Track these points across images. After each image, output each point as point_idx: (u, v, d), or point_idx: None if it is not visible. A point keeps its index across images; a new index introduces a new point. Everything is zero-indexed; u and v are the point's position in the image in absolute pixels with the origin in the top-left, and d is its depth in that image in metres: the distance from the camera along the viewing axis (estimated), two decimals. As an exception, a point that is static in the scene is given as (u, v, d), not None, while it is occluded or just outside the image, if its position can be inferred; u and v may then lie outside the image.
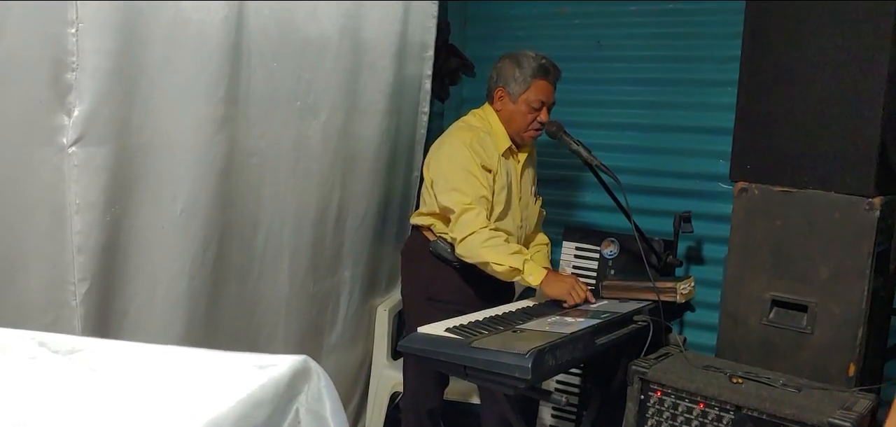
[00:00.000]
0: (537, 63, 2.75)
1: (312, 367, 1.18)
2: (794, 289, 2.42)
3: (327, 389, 1.19)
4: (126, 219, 2.08)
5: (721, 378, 2.23)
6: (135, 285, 2.12)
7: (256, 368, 1.12)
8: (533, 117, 2.77)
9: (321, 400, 1.18)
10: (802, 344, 2.41)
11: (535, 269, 2.58)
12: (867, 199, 2.30)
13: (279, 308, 2.70)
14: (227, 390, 1.05)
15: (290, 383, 1.14)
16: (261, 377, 1.09)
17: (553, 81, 2.79)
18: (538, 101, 2.75)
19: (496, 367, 1.98)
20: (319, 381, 1.19)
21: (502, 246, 2.59)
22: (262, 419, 1.07)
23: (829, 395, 2.15)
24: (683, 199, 3.28)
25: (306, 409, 1.16)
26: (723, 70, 3.18)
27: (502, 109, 2.80)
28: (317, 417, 1.17)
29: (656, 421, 2.26)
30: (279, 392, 1.11)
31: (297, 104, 2.63)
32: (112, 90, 2.00)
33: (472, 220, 2.60)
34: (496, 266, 2.57)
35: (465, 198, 2.63)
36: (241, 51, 2.37)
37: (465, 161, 2.67)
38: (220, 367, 1.14)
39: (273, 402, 1.10)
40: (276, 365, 1.14)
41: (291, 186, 2.66)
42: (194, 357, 1.19)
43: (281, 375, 1.12)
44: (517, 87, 2.75)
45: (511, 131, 2.81)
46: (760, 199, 2.48)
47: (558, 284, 2.57)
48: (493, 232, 2.61)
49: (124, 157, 2.05)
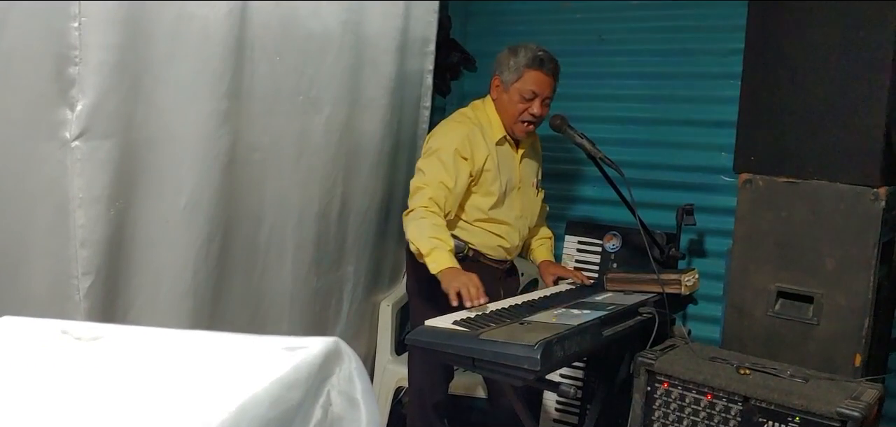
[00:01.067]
0: (533, 53, 2.72)
1: (343, 349, 1.19)
2: (799, 280, 2.42)
3: (358, 371, 1.19)
4: (130, 213, 2.08)
5: (728, 369, 2.22)
6: (139, 279, 2.11)
7: (286, 350, 1.12)
8: (524, 107, 2.74)
9: (352, 381, 1.18)
10: (808, 335, 2.40)
11: (440, 258, 2.46)
12: (873, 190, 2.30)
13: (283, 303, 2.70)
14: (260, 372, 1.04)
15: (322, 365, 1.14)
16: (293, 358, 1.10)
17: (549, 73, 2.74)
18: (530, 92, 2.72)
19: (505, 358, 1.97)
20: (350, 362, 1.19)
21: (426, 227, 2.53)
22: (296, 400, 1.07)
23: (836, 385, 2.14)
24: (686, 192, 3.28)
25: (338, 391, 1.16)
26: (725, 63, 3.17)
27: (498, 99, 2.80)
28: (348, 398, 1.17)
29: (663, 413, 2.26)
30: (312, 373, 1.12)
31: (299, 99, 2.62)
32: (115, 85, 2.00)
33: (416, 200, 2.60)
34: (412, 243, 2.55)
35: (422, 179, 2.64)
36: (244, 46, 2.37)
37: (439, 145, 2.68)
38: (250, 350, 1.14)
39: (306, 382, 1.10)
40: (307, 347, 1.14)
41: (294, 181, 2.66)
42: (221, 340, 1.18)
43: (313, 357, 1.13)
44: (510, 76, 2.73)
45: (504, 121, 2.79)
46: (765, 191, 2.48)
47: (451, 281, 2.39)
48: (429, 212, 2.56)
49: (128, 151, 2.05)
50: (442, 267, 2.45)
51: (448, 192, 2.62)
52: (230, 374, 1.05)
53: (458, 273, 2.42)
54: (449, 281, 2.38)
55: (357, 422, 1.17)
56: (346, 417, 1.15)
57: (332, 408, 1.15)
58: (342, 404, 1.15)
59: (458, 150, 2.65)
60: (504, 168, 2.80)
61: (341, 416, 1.15)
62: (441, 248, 2.48)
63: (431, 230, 2.51)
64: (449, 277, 2.40)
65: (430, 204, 2.57)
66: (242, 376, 1.03)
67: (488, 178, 2.75)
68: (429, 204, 2.57)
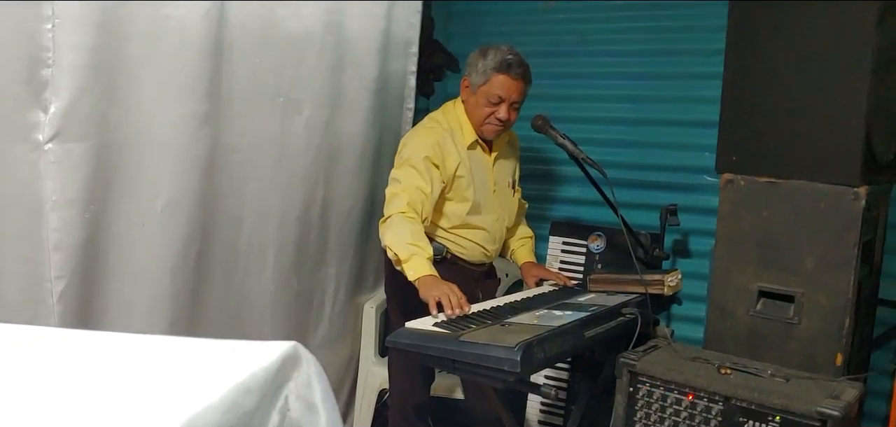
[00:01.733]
0: (501, 57, 2.67)
1: (302, 354, 1.16)
2: (780, 279, 2.42)
3: (317, 376, 1.17)
4: (105, 216, 2.06)
5: (709, 369, 2.22)
6: (115, 283, 2.09)
7: (244, 355, 1.10)
8: (490, 111, 2.70)
9: (311, 386, 1.16)
10: (790, 334, 2.40)
11: (418, 265, 2.40)
12: (853, 189, 2.30)
13: (265, 305, 2.68)
14: (216, 378, 1.02)
15: (279, 370, 1.11)
16: (250, 364, 1.07)
17: (517, 77, 2.67)
18: (496, 96, 2.67)
19: (485, 360, 1.96)
20: (309, 367, 1.16)
21: (403, 232, 2.47)
22: (251, 405, 1.05)
23: (816, 384, 2.15)
24: (670, 192, 3.28)
25: (296, 396, 1.14)
26: (709, 63, 3.16)
27: (466, 100, 2.77)
28: (307, 404, 1.15)
29: (645, 413, 2.25)
30: (268, 378, 1.09)
31: (280, 100, 2.61)
32: (90, 86, 1.98)
33: (392, 206, 2.56)
34: (389, 250, 2.50)
35: (397, 186, 2.60)
36: (222, 47, 2.35)
37: (410, 154, 2.64)
38: (208, 355, 1.12)
39: (262, 388, 1.07)
40: (265, 352, 1.11)
41: (275, 183, 2.64)
42: (180, 346, 1.16)
43: (270, 362, 1.10)
44: (478, 79, 2.70)
45: (473, 123, 2.76)
46: (746, 191, 2.48)
47: (431, 289, 2.31)
48: (407, 218, 2.51)
49: (103, 153, 2.03)
50: (419, 274, 2.39)
51: (425, 198, 2.59)
52: (186, 381, 1.03)
53: (437, 281, 2.36)
54: (428, 289, 2.32)
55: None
56: (305, 422, 1.13)
57: (290, 413, 1.13)
58: (300, 409, 1.13)
59: (428, 158, 2.62)
60: (477, 173, 2.78)
61: (299, 421, 1.13)
62: (419, 255, 2.43)
63: (410, 237, 2.46)
64: (428, 285, 2.34)
65: (408, 209, 2.53)
66: (198, 383, 1.01)
67: (462, 184, 2.73)
68: (406, 209, 2.53)
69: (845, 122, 2.29)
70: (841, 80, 2.30)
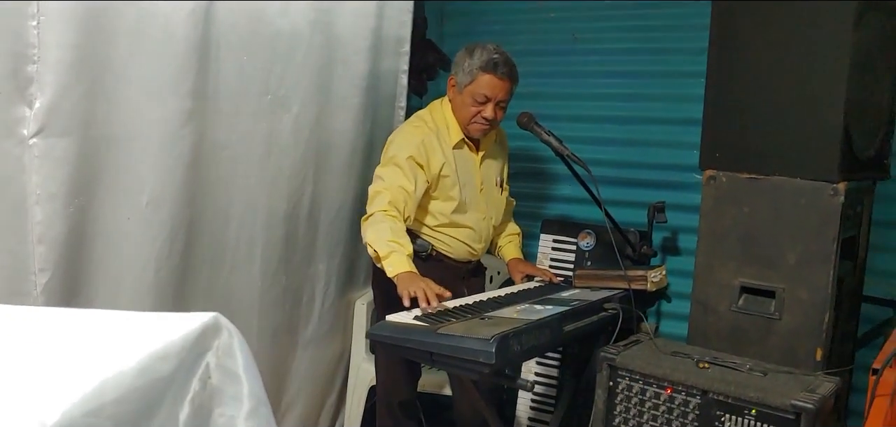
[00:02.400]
0: (488, 56, 2.67)
1: (223, 324, 1.19)
2: (762, 275, 2.43)
3: (240, 346, 1.20)
4: (90, 210, 2.09)
5: (688, 363, 2.23)
6: (100, 276, 2.12)
7: (163, 325, 1.14)
8: (476, 111, 2.71)
9: (233, 355, 1.19)
10: (771, 329, 2.42)
11: (397, 261, 2.43)
12: (832, 185, 2.31)
13: (253, 301, 2.71)
14: (132, 345, 1.06)
15: (198, 338, 1.15)
16: (167, 333, 1.11)
17: (504, 76, 2.69)
18: (482, 96, 2.69)
19: (461, 352, 1.98)
20: (231, 337, 1.20)
21: (383, 230, 2.50)
22: (167, 371, 1.08)
23: (794, 378, 2.16)
24: (659, 190, 3.29)
25: (217, 364, 1.17)
26: (697, 61, 3.13)
27: (453, 99, 2.78)
28: (228, 372, 1.18)
29: (625, 407, 2.27)
30: (187, 345, 1.12)
31: (267, 98, 2.64)
32: (74, 83, 2.01)
33: (374, 204, 2.59)
34: (369, 247, 2.52)
35: (380, 184, 2.62)
36: (209, 44, 2.38)
37: (395, 153, 2.66)
38: (126, 325, 1.15)
39: (179, 355, 1.11)
40: (185, 321, 1.15)
41: (263, 179, 2.67)
42: (98, 317, 1.20)
43: (189, 331, 1.14)
44: (464, 78, 2.71)
45: (459, 122, 2.78)
46: (728, 187, 2.49)
47: (408, 285, 2.34)
48: (389, 216, 2.53)
49: (88, 149, 2.06)
50: (398, 271, 2.41)
51: (408, 196, 2.61)
52: (98, 349, 1.06)
53: (414, 277, 2.39)
54: (405, 285, 2.34)
55: (238, 396, 1.18)
56: (227, 391, 1.17)
57: (211, 381, 1.16)
58: (221, 377, 1.16)
59: (412, 157, 2.64)
60: (463, 172, 2.79)
61: (221, 388, 1.16)
62: (399, 252, 2.46)
63: (390, 234, 2.49)
64: (405, 281, 2.36)
65: (390, 207, 2.55)
66: (112, 350, 1.04)
67: (447, 183, 2.74)
68: (388, 207, 2.55)
69: (824, 119, 2.31)
70: (820, 78, 2.31)
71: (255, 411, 1.18)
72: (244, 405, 1.17)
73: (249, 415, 1.17)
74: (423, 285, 2.31)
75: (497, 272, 3.50)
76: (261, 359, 2.75)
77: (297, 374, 3.08)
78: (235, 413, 1.17)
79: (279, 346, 2.93)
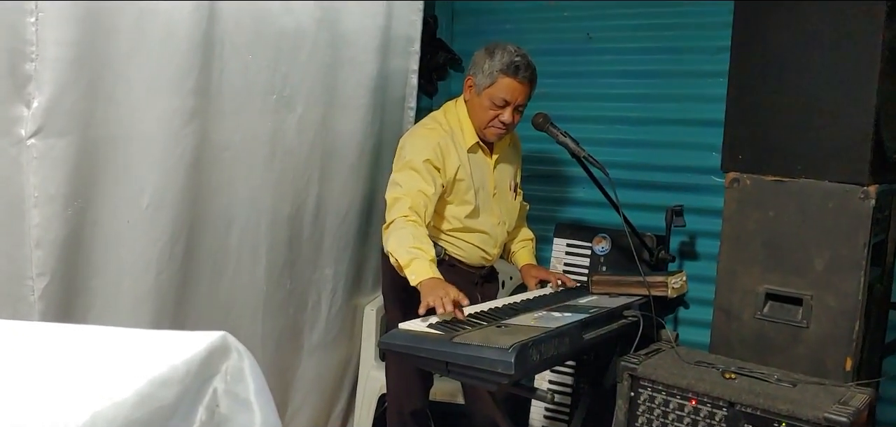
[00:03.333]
0: (509, 59, 2.59)
1: (231, 344, 1.07)
2: (788, 281, 2.36)
3: (251, 369, 1.08)
4: (89, 212, 2.02)
5: (713, 373, 2.15)
6: (99, 280, 2.05)
7: (164, 346, 1.02)
8: (494, 115, 2.63)
9: (244, 380, 1.07)
10: (798, 338, 2.34)
11: (419, 269, 2.32)
12: (862, 188, 2.24)
13: (257, 305, 2.63)
14: (129, 370, 0.95)
15: (204, 361, 1.03)
16: (169, 355, 0.99)
17: (525, 80, 2.61)
18: (501, 99, 2.60)
19: (478, 362, 1.90)
20: (241, 359, 1.08)
21: (406, 237, 2.39)
22: (169, 399, 0.96)
23: (824, 390, 2.08)
24: (677, 193, 3.21)
25: (225, 390, 1.05)
26: (715, 61, 3.10)
27: (469, 100, 2.69)
28: (238, 399, 1.06)
29: (647, 419, 2.18)
30: (192, 370, 1.01)
31: (272, 97, 2.56)
32: (74, 81, 1.94)
33: (394, 211, 2.48)
34: (391, 257, 2.42)
35: (398, 190, 2.52)
36: (212, 42, 2.31)
37: (411, 157, 2.57)
38: (123, 346, 1.05)
39: (183, 381, 0.99)
40: (188, 342, 1.03)
41: (267, 181, 2.59)
42: (93, 335, 1.08)
43: (193, 354, 1.02)
44: (483, 80, 2.62)
45: (474, 124, 2.69)
46: (752, 190, 2.41)
47: (428, 293, 2.22)
48: (410, 222, 2.44)
49: (87, 149, 1.99)
50: (421, 278, 2.31)
51: (427, 200, 2.52)
52: (90, 374, 0.95)
53: (437, 284, 2.28)
54: (426, 292, 2.24)
55: (249, 425, 1.07)
56: (236, 420, 1.05)
57: (219, 409, 1.04)
58: (231, 405, 1.05)
59: (429, 160, 2.56)
60: (477, 176, 2.72)
61: (230, 417, 1.05)
62: (421, 258, 2.35)
63: (412, 240, 2.39)
64: (427, 288, 2.26)
65: (411, 213, 2.46)
66: (107, 374, 0.94)
67: (462, 187, 2.67)
68: (408, 213, 2.46)
69: (854, 119, 2.24)
70: (849, 77, 2.24)
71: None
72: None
73: None
74: (443, 292, 2.20)
75: (509, 278, 3.42)
76: (265, 364, 2.68)
77: (304, 381, 3.00)
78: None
79: (284, 351, 2.85)
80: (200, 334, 1.04)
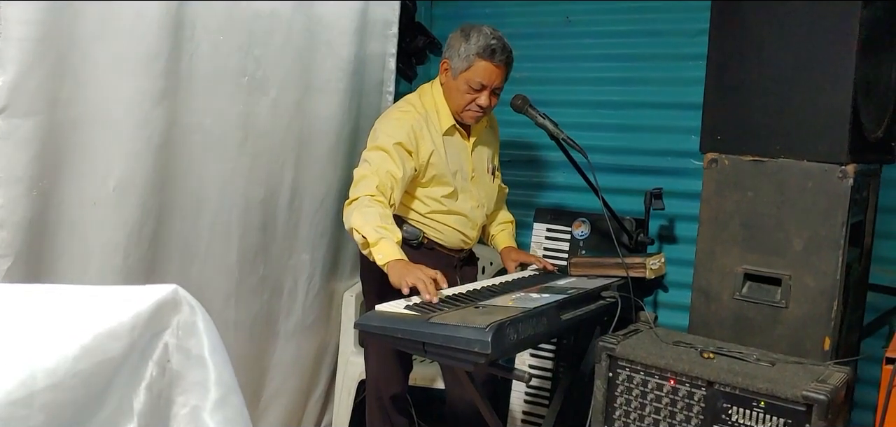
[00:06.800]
0: (485, 42, 2.56)
1: (182, 297, 1.03)
2: (767, 262, 2.35)
3: (205, 323, 1.03)
4: (54, 194, 1.97)
5: (692, 353, 2.14)
6: (64, 263, 2.01)
7: (114, 300, 0.98)
8: (471, 98, 2.60)
9: (196, 334, 1.03)
10: (777, 318, 2.33)
11: (386, 249, 2.30)
12: (840, 167, 2.23)
13: (229, 291, 2.59)
14: (74, 324, 0.91)
15: (153, 314, 0.98)
16: (116, 309, 0.95)
17: (501, 63, 2.59)
18: (478, 83, 2.58)
19: (455, 342, 1.88)
20: (194, 313, 1.03)
21: (372, 216, 2.36)
22: (116, 352, 0.92)
23: (803, 369, 2.07)
24: (656, 176, 3.20)
25: (177, 345, 1.01)
26: (694, 43, 3.08)
27: (445, 83, 2.66)
28: (190, 355, 1.01)
29: (625, 399, 2.17)
30: (140, 324, 0.97)
31: (244, 80, 2.51)
32: (39, 61, 1.89)
33: (360, 188, 2.45)
34: (356, 232, 2.38)
35: (367, 168, 2.49)
36: (183, 24, 2.26)
37: (383, 139, 2.54)
38: (71, 302, 1.00)
39: (130, 334, 0.95)
40: (137, 296, 0.99)
41: (239, 164, 2.54)
42: (41, 293, 1.04)
43: (141, 306, 0.97)
44: (460, 64, 2.59)
45: (451, 107, 2.66)
46: (731, 170, 2.40)
47: (404, 274, 2.20)
48: (376, 201, 2.41)
49: (53, 130, 1.94)
50: (389, 258, 2.29)
51: (395, 183, 2.48)
52: (34, 328, 0.91)
53: (408, 266, 2.26)
54: (401, 274, 2.21)
55: (203, 383, 1.02)
56: (189, 377, 1.01)
57: (170, 364, 1.00)
58: (183, 361, 1.00)
59: (401, 143, 2.53)
60: (454, 159, 2.69)
61: (182, 374, 1.00)
62: (388, 239, 2.33)
63: (379, 220, 2.36)
64: (399, 270, 2.23)
65: (377, 193, 2.43)
66: (49, 329, 0.90)
67: (436, 170, 2.64)
68: (375, 192, 2.42)
69: (832, 99, 2.22)
70: (827, 56, 2.23)
71: (224, 401, 1.02)
72: (210, 393, 1.01)
73: (217, 405, 1.01)
74: (420, 274, 2.18)
75: (489, 263, 3.40)
76: (239, 350, 2.67)
77: (281, 367, 2.96)
78: (200, 402, 1.01)
79: (258, 337, 2.80)
80: (150, 287, 1.00)
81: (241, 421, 1.03)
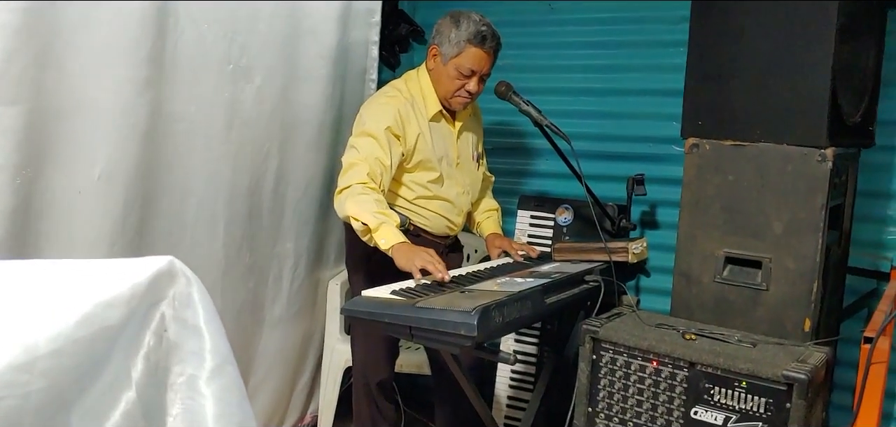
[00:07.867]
0: (475, 28, 2.59)
1: (179, 269, 1.05)
2: (747, 245, 2.37)
3: (200, 294, 1.05)
4: (39, 183, 1.96)
5: (674, 335, 2.17)
6: (49, 252, 1.99)
7: (112, 272, 0.99)
8: (461, 84, 2.63)
9: (193, 306, 1.05)
10: (758, 300, 2.36)
11: (388, 233, 2.34)
12: (820, 151, 2.25)
13: (215, 279, 2.58)
14: (73, 294, 0.92)
15: (150, 285, 1.01)
16: (114, 280, 0.97)
17: (491, 49, 2.62)
18: (468, 69, 2.60)
19: (441, 325, 1.91)
20: (190, 285, 1.05)
21: (368, 202, 2.40)
22: (114, 320, 0.94)
23: (784, 349, 2.10)
24: (639, 163, 3.21)
25: (173, 315, 1.03)
26: (676, 30, 3.11)
27: (433, 69, 2.68)
28: (186, 325, 1.03)
29: (609, 380, 2.20)
30: (137, 294, 0.99)
31: (229, 68, 2.51)
32: (21, 49, 1.87)
33: (351, 175, 2.47)
34: (354, 220, 2.40)
35: (356, 155, 2.50)
36: (167, 12, 2.25)
37: (371, 124, 2.55)
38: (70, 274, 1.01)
39: (128, 303, 0.97)
40: (134, 267, 1.00)
41: (224, 153, 2.54)
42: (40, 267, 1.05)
43: (139, 277, 0.99)
44: (450, 49, 2.61)
45: (438, 93, 2.68)
46: (711, 155, 2.42)
47: (412, 257, 2.25)
48: (367, 188, 2.43)
49: (36, 118, 1.93)
50: (393, 242, 2.32)
51: (384, 169, 2.50)
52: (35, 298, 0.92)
53: (414, 248, 2.30)
54: (408, 258, 2.25)
55: (199, 353, 1.03)
56: (186, 346, 1.02)
57: (167, 334, 1.02)
58: (179, 331, 1.02)
59: (389, 128, 2.54)
60: (440, 145, 2.70)
61: (179, 344, 1.02)
62: (389, 224, 2.36)
63: (376, 205, 2.38)
64: (406, 253, 2.27)
65: (368, 180, 2.44)
66: (49, 298, 0.91)
67: (423, 156, 2.65)
68: (367, 180, 2.44)
69: (811, 83, 2.25)
70: (806, 41, 2.25)
71: (220, 370, 1.04)
72: (207, 363, 1.03)
73: (213, 374, 1.03)
74: (427, 256, 2.23)
75: (474, 250, 3.41)
76: (225, 337, 2.67)
77: (266, 355, 2.96)
78: (197, 372, 1.02)
79: (244, 325, 2.80)
80: (147, 259, 1.01)
81: (236, 390, 1.05)
